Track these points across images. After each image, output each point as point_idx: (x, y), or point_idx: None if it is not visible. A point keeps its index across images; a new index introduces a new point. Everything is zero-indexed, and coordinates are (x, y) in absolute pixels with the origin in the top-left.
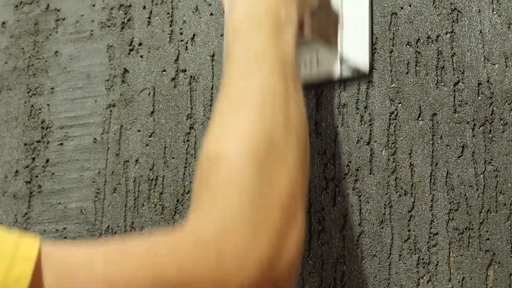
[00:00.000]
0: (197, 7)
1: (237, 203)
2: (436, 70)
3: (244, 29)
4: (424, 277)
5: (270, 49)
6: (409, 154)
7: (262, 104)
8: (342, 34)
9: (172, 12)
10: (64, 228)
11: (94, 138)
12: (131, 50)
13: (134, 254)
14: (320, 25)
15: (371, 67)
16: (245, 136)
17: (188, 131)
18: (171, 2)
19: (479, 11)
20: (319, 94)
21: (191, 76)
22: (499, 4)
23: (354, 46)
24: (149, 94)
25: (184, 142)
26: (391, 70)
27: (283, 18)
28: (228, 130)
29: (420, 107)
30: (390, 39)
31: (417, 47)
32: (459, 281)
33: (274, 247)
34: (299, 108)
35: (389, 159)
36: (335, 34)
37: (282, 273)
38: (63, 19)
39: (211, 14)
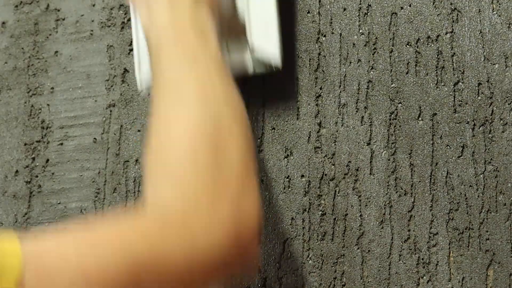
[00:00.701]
0: None
1: (196, 180)
2: (436, 70)
3: (170, 36)
4: (424, 277)
5: (200, 48)
6: (409, 154)
7: (204, 94)
8: (250, 24)
9: None
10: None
11: (94, 138)
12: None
13: (105, 243)
14: (230, 27)
15: (282, 61)
16: (195, 122)
17: None
18: None
19: (479, 11)
20: (319, 94)
21: None
22: (499, 4)
23: (264, 42)
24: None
25: None
26: (391, 70)
27: (204, 22)
28: (174, 120)
29: (420, 107)
30: (390, 39)
31: (417, 47)
32: (459, 281)
33: (235, 214)
34: (235, 93)
35: (389, 159)
36: (245, 34)
37: (247, 238)
38: (63, 19)
39: None
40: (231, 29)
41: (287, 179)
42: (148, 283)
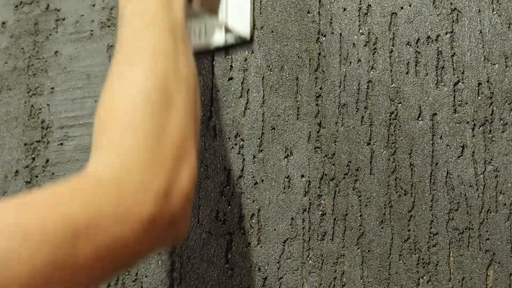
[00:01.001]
0: None
1: (133, 144)
2: (436, 70)
3: None
4: (424, 277)
5: (161, 14)
6: (409, 154)
7: (154, 59)
8: (227, 5)
9: None
10: None
11: None
12: None
13: (41, 202)
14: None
15: (252, 35)
16: (139, 86)
17: None
18: None
19: (479, 11)
20: (319, 94)
21: None
22: (499, 4)
23: (237, 15)
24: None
25: None
26: (391, 70)
27: None
28: (123, 82)
29: (420, 107)
30: (390, 39)
31: (417, 47)
32: (459, 281)
33: (168, 181)
34: (187, 63)
35: (389, 159)
36: (219, 6)
37: (177, 205)
38: (63, 19)
39: None
40: (208, 2)
41: (287, 179)
42: (84, 248)
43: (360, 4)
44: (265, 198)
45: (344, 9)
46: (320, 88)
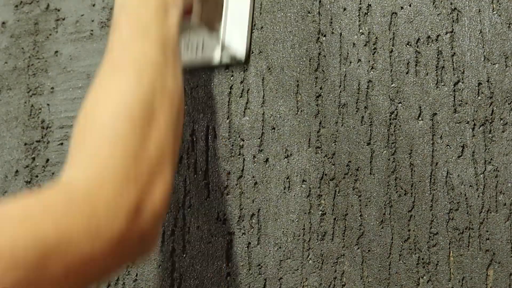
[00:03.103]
0: None
1: (108, 158)
2: (436, 70)
3: (133, 4)
4: (424, 277)
5: (154, 25)
6: (409, 154)
7: (140, 71)
8: (225, 23)
9: None
10: None
11: None
12: None
13: (12, 218)
14: (207, 13)
15: (248, 56)
16: (122, 97)
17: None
18: None
19: (479, 11)
20: (319, 94)
21: None
22: (499, 4)
23: (234, 35)
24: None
25: (184, 142)
26: (391, 70)
27: (170, 1)
28: (106, 91)
29: (420, 107)
30: (390, 39)
31: (417, 47)
32: (459, 281)
33: (141, 198)
34: (175, 79)
35: (389, 159)
36: (219, 22)
37: (147, 224)
38: (63, 19)
39: None
40: (208, 16)
41: (287, 179)
42: (54, 265)
43: (360, 4)
44: (265, 198)
45: (344, 9)
46: (320, 88)
